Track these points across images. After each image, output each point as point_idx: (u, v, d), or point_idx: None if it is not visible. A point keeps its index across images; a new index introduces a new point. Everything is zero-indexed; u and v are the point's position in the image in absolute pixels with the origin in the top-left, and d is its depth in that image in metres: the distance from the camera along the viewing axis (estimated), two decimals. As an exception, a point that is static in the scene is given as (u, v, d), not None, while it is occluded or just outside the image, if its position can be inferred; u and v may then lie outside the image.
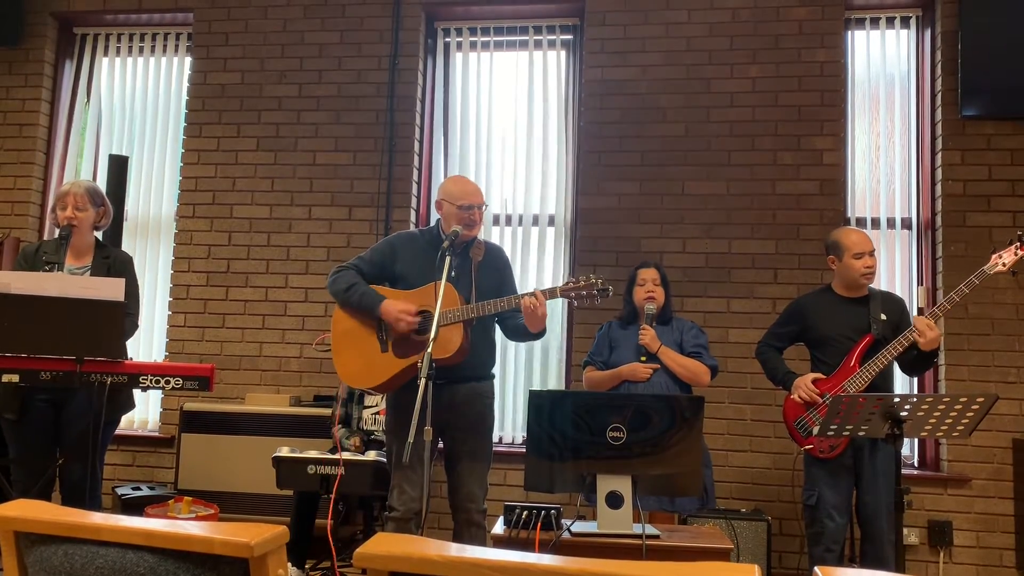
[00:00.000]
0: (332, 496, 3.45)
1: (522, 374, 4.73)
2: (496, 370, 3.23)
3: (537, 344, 4.70)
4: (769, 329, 3.56)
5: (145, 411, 4.98)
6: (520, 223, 4.84)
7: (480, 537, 3.01)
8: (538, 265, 4.79)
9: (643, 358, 3.38)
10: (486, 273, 3.10)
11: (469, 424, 3.06)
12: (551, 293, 2.87)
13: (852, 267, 3.30)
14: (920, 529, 4.19)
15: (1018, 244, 3.18)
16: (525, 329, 2.99)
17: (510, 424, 4.72)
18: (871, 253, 3.30)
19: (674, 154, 4.62)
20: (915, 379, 4.40)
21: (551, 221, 4.82)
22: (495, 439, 4.52)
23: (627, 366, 3.38)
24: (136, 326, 3.45)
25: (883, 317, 3.28)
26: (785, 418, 3.34)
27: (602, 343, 3.57)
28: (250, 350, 4.83)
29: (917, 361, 3.28)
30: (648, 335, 3.38)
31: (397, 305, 2.95)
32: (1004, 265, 3.17)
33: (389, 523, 2.99)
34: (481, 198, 3.12)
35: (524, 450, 2.91)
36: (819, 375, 3.29)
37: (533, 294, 2.86)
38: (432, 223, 3.28)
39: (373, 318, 3.01)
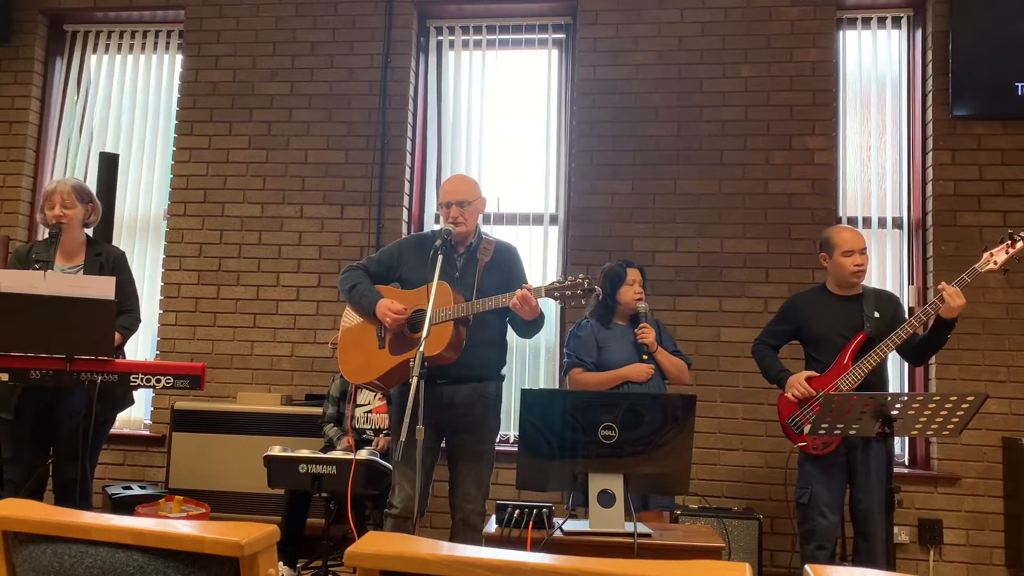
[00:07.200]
0: (349, 497, 3.39)
1: (514, 373, 4.72)
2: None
3: (528, 344, 4.69)
4: (765, 327, 3.57)
5: (136, 410, 4.96)
6: (512, 222, 4.83)
7: (474, 539, 2.97)
8: (530, 264, 4.77)
9: (644, 356, 3.39)
10: (492, 273, 3.08)
11: (468, 425, 3.03)
12: (537, 292, 2.87)
13: (841, 265, 3.31)
14: (910, 527, 4.21)
15: (1009, 242, 3.19)
16: (522, 321, 2.97)
17: (503, 423, 4.70)
18: (861, 251, 3.30)
19: (666, 153, 4.62)
20: (906, 378, 4.42)
21: (543, 220, 4.83)
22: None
23: (632, 366, 3.37)
24: (138, 320, 3.45)
25: (876, 315, 3.28)
26: (779, 416, 3.35)
27: (588, 343, 3.46)
28: (241, 349, 4.81)
29: (928, 342, 3.26)
30: (652, 334, 3.40)
31: (388, 303, 2.97)
32: (996, 264, 3.18)
33: (388, 519, 2.98)
34: (454, 196, 3.08)
35: (516, 449, 2.91)
36: (812, 373, 3.30)
37: (516, 293, 2.84)
38: (425, 222, 3.27)
39: (373, 316, 3.05)
